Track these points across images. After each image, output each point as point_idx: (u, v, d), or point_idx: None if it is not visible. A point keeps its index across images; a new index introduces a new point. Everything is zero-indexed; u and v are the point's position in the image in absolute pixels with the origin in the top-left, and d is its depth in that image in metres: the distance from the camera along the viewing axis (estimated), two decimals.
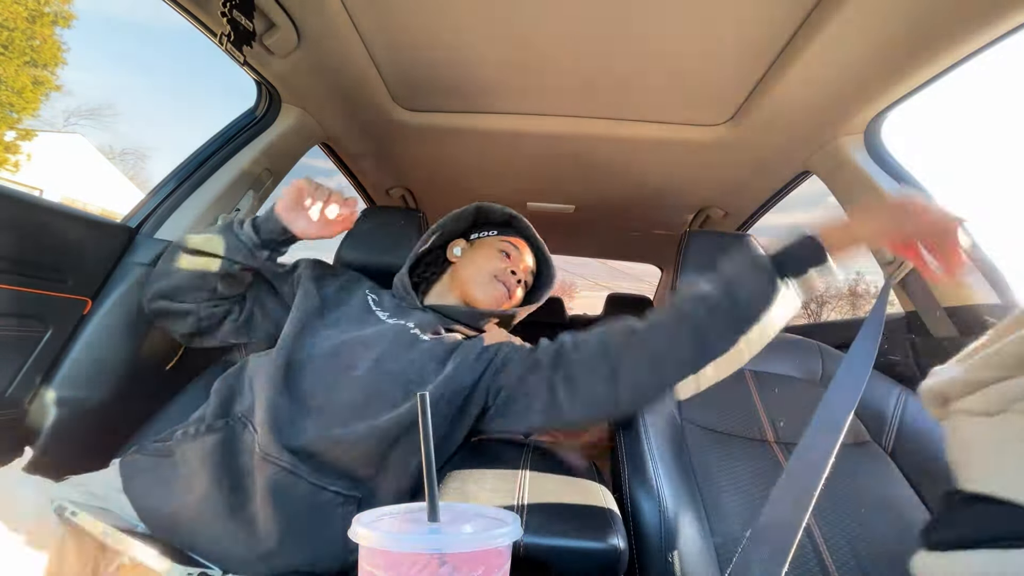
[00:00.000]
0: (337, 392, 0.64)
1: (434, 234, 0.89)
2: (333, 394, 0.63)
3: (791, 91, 0.97)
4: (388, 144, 1.43)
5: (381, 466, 0.61)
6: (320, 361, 0.67)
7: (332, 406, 0.63)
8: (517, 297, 0.88)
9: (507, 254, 0.88)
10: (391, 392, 0.64)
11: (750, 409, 0.85)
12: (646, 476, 0.69)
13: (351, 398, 0.63)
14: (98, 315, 0.86)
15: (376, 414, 0.62)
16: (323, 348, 0.68)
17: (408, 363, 0.68)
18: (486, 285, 0.84)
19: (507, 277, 0.85)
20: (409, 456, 0.63)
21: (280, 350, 0.66)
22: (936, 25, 0.75)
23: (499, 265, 0.86)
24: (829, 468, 0.57)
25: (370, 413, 0.62)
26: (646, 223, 2.00)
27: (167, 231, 0.97)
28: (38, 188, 11.89)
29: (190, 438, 0.60)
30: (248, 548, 0.53)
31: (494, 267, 0.86)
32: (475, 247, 0.91)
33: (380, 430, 0.60)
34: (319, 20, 0.91)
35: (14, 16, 9.51)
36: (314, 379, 0.65)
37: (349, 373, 0.65)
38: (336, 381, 0.65)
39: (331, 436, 0.60)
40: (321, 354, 0.67)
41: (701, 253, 1.01)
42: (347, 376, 0.65)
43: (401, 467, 0.63)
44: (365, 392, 0.64)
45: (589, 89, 1.09)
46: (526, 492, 0.57)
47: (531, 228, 0.94)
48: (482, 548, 0.30)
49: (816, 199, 1.51)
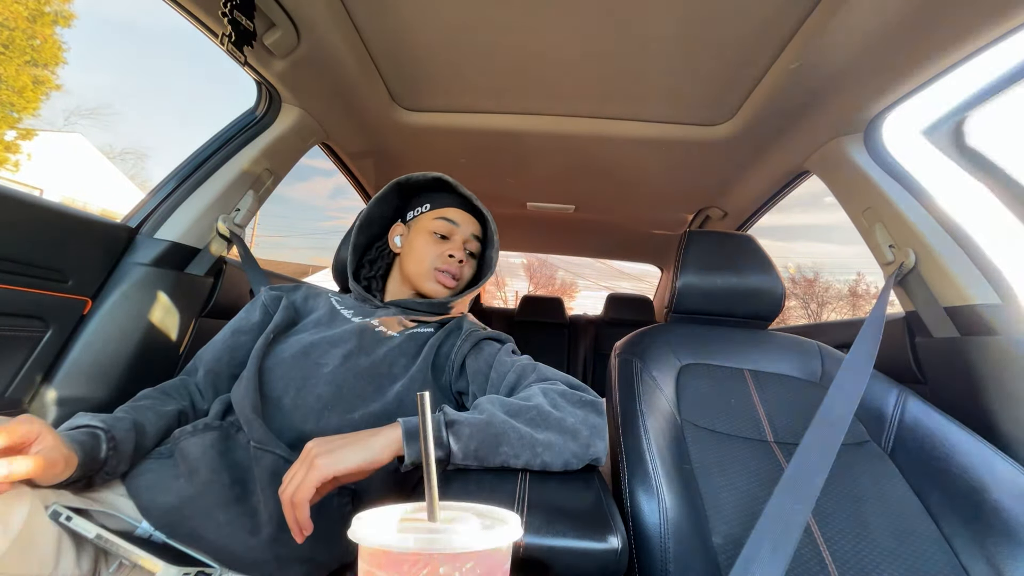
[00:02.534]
0: (307, 389, 0.66)
1: (364, 225, 0.88)
2: (304, 391, 0.66)
3: (791, 91, 0.97)
4: (388, 144, 1.43)
5: None
6: (291, 361, 0.69)
7: (304, 403, 0.65)
8: (466, 274, 0.87)
9: (441, 235, 0.84)
10: (361, 387, 0.67)
11: (750, 409, 0.85)
12: (646, 476, 0.69)
13: (321, 393, 0.65)
14: (98, 315, 0.86)
15: (348, 410, 0.65)
16: (293, 350, 0.70)
17: (378, 359, 0.70)
18: (429, 279, 0.83)
19: (447, 264, 0.83)
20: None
21: (253, 358, 0.68)
22: (935, 24, 0.75)
23: (436, 251, 0.83)
24: (829, 468, 0.58)
25: (341, 408, 0.65)
26: (646, 223, 2.00)
27: (167, 231, 0.97)
28: (38, 188, 11.89)
29: (188, 435, 0.61)
30: (250, 536, 0.54)
31: (432, 256, 0.83)
32: (412, 231, 0.87)
33: (352, 424, 0.63)
34: (319, 20, 0.91)
35: (14, 16, 9.51)
36: (286, 379, 0.67)
37: (318, 370, 0.68)
38: (306, 379, 0.67)
39: (306, 432, 0.62)
40: (291, 355, 0.69)
41: (701, 253, 1.01)
42: (316, 373, 0.67)
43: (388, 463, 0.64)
44: (334, 387, 0.66)
45: (589, 89, 1.09)
46: (526, 492, 0.57)
47: (460, 186, 0.87)
48: (482, 548, 0.30)
49: (816, 199, 1.51)
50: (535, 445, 0.57)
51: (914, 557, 0.64)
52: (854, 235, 1.09)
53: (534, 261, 20.54)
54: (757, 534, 0.52)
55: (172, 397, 0.70)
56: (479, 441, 0.55)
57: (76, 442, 0.53)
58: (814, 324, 1.41)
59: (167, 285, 0.95)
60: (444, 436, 0.54)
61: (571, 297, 21.33)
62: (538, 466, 0.58)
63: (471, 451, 0.54)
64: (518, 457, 0.56)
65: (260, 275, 1.06)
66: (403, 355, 0.72)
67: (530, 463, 0.57)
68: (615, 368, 0.90)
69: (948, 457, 0.71)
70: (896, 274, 0.94)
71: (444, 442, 0.54)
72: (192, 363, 0.76)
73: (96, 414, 0.60)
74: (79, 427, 0.57)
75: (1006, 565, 0.60)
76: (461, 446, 0.54)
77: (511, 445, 0.56)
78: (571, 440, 0.59)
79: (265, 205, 1.22)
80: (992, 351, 0.79)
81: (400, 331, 0.76)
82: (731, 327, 1.00)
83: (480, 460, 0.55)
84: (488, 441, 0.55)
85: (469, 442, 0.54)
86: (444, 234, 0.84)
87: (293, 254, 24.94)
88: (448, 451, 0.54)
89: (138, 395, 0.69)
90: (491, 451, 0.55)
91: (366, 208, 0.88)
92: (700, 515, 0.68)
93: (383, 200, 0.89)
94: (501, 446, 0.56)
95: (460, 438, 0.54)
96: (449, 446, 0.54)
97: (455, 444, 0.54)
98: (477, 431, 0.55)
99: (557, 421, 0.59)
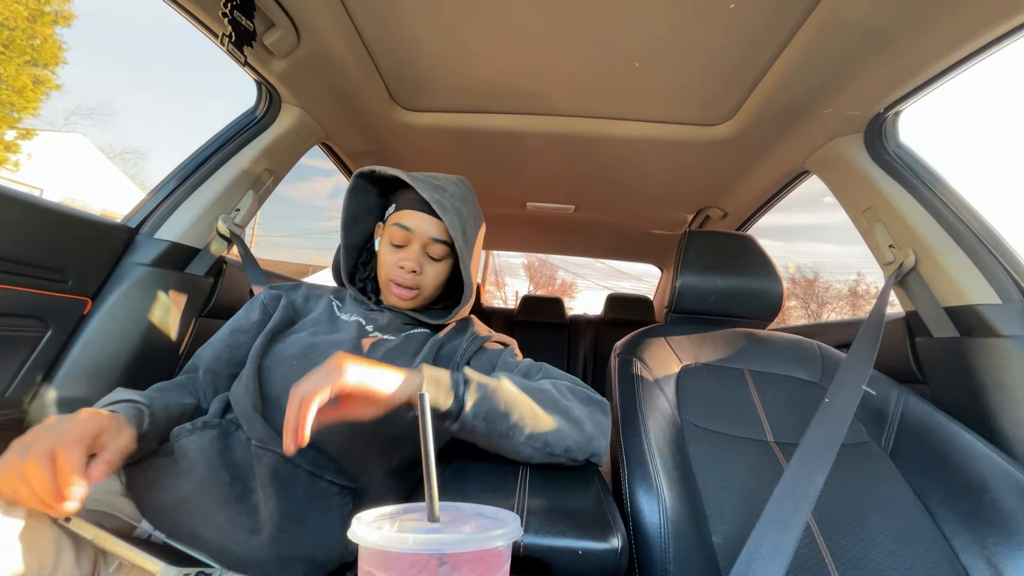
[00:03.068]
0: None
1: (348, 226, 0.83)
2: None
3: (790, 91, 0.97)
4: (388, 144, 1.43)
5: (366, 461, 0.64)
6: (290, 361, 0.68)
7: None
8: (429, 282, 0.78)
9: (397, 244, 0.77)
10: None
11: (750, 409, 0.85)
12: (646, 476, 0.69)
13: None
14: (98, 315, 0.86)
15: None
16: (293, 349, 0.70)
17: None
18: (388, 291, 0.78)
19: (400, 277, 0.76)
20: (391, 451, 0.66)
21: (252, 357, 0.68)
22: (935, 24, 0.75)
23: (391, 260, 0.77)
24: (829, 468, 0.58)
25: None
26: (646, 223, 2.00)
27: (167, 231, 0.97)
28: (38, 188, 11.89)
29: (187, 433, 0.61)
30: (250, 535, 0.54)
31: (387, 267, 0.77)
32: (384, 234, 0.80)
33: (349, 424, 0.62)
34: (319, 20, 0.91)
35: (14, 15, 9.51)
36: (285, 379, 0.66)
37: None
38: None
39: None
40: (291, 354, 0.69)
41: (701, 253, 1.01)
42: None
43: (387, 462, 0.66)
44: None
45: (589, 89, 1.09)
46: (526, 492, 0.57)
47: (419, 183, 0.75)
48: (482, 548, 0.30)
49: (816, 199, 1.51)
50: (541, 422, 0.59)
51: (914, 557, 0.64)
52: (854, 235, 1.09)
53: (534, 261, 20.55)
54: (757, 534, 0.52)
55: (188, 390, 0.70)
56: (491, 404, 0.56)
57: (129, 417, 0.53)
58: (814, 324, 1.41)
59: (167, 285, 0.95)
60: (460, 391, 0.55)
61: (571, 297, 21.35)
62: (539, 445, 0.59)
63: (482, 413, 0.56)
64: (523, 430, 0.58)
65: (260, 275, 1.06)
66: (401, 355, 0.72)
67: (533, 438, 0.58)
68: (615, 368, 0.90)
69: (948, 457, 0.71)
70: (896, 274, 0.94)
71: (459, 395, 0.55)
72: (192, 362, 0.76)
73: (132, 390, 0.60)
74: (121, 401, 0.57)
75: (1006, 565, 0.60)
76: (474, 404, 0.55)
77: (520, 415, 0.57)
78: (576, 429, 0.61)
79: (265, 205, 1.22)
80: (992, 351, 0.79)
81: (398, 333, 0.76)
82: (731, 327, 1.00)
83: (488, 423, 0.56)
84: (499, 406, 0.57)
85: (482, 403, 0.56)
86: (399, 243, 0.76)
87: (293, 254, 24.97)
88: (461, 406, 0.55)
89: (153, 387, 0.67)
90: (500, 417, 0.57)
91: (343, 205, 0.81)
92: (700, 515, 0.68)
93: (358, 193, 0.82)
94: (511, 414, 0.57)
95: (474, 397, 0.55)
96: (463, 400, 0.55)
97: (468, 401, 0.55)
98: (491, 393, 0.57)
99: (565, 409, 0.62)
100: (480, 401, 0.56)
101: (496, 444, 0.59)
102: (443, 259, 0.79)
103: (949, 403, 0.84)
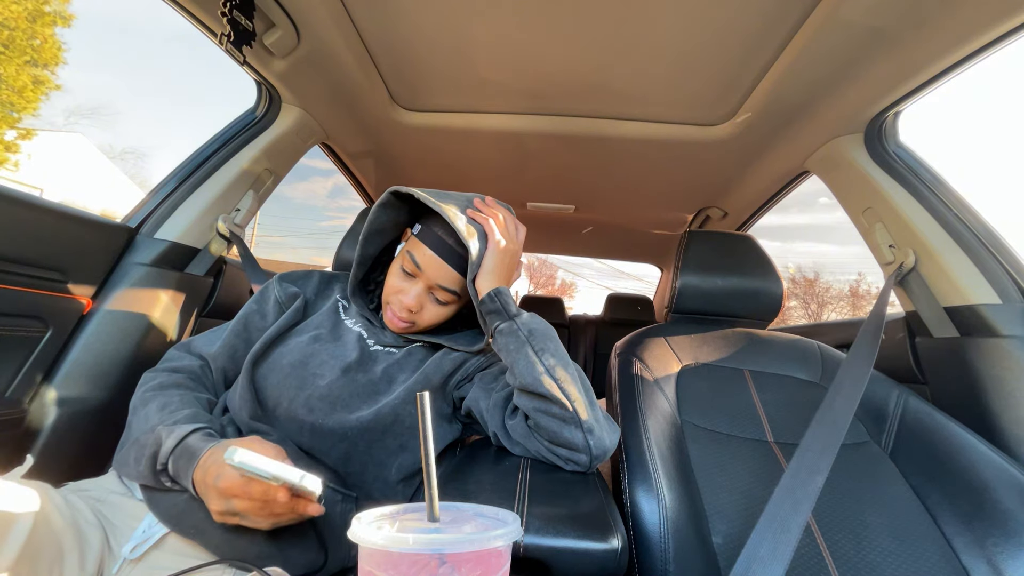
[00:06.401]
0: (300, 400, 0.65)
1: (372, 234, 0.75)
2: (296, 402, 0.65)
3: (790, 91, 0.97)
4: (388, 144, 1.43)
5: (363, 469, 0.65)
6: (287, 369, 0.67)
7: (296, 414, 0.64)
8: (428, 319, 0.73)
9: (406, 271, 0.71)
10: (356, 404, 0.66)
11: (750, 409, 0.85)
12: (646, 476, 0.69)
13: (313, 406, 0.65)
14: (98, 315, 0.86)
15: (341, 423, 0.64)
16: (291, 357, 0.69)
17: (376, 376, 0.69)
18: (386, 311, 0.73)
19: (397, 307, 0.71)
20: (389, 458, 0.66)
21: (246, 367, 0.67)
22: (935, 24, 0.75)
23: (395, 285, 0.72)
24: (829, 468, 0.58)
25: (333, 421, 0.64)
26: (646, 223, 2.00)
27: (167, 231, 0.97)
28: (38, 188, 11.89)
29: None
30: (253, 532, 0.54)
31: (390, 289, 0.73)
32: (400, 252, 0.74)
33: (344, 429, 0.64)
34: (319, 20, 0.91)
35: (14, 16, 9.50)
36: (280, 388, 0.66)
37: (314, 381, 0.67)
38: (300, 389, 0.66)
39: (302, 443, 0.63)
40: (288, 363, 0.68)
41: (701, 253, 1.01)
42: (312, 384, 0.66)
43: (384, 468, 0.66)
44: (328, 402, 0.65)
45: (589, 89, 1.09)
46: (526, 492, 0.57)
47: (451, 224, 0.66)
48: (482, 548, 0.30)
49: (814, 199, 1.51)
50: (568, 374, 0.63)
51: (914, 557, 0.64)
52: (854, 235, 1.09)
53: (534, 261, 20.56)
54: (757, 534, 0.52)
55: (204, 386, 0.69)
56: (536, 324, 0.66)
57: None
58: (814, 324, 1.41)
59: (167, 285, 0.95)
60: (510, 305, 0.66)
61: (571, 296, 21.33)
62: (558, 392, 0.61)
63: (529, 326, 0.65)
64: (554, 364, 0.63)
65: (260, 275, 1.06)
66: (402, 371, 0.71)
67: (559, 380, 0.62)
68: (615, 368, 0.90)
69: (948, 457, 0.71)
70: (896, 274, 0.94)
71: (511, 311, 0.66)
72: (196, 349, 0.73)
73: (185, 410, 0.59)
74: (199, 429, 0.56)
75: (1006, 565, 0.60)
76: (526, 317, 0.66)
77: (556, 347, 0.65)
78: (589, 406, 0.63)
79: (265, 205, 1.22)
80: (992, 351, 0.79)
81: (400, 347, 0.75)
82: (731, 327, 1.00)
83: (534, 336, 0.64)
84: (542, 330, 0.66)
85: (531, 320, 0.66)
86: (408, 271, 0.71)
87: (293, 254, 24.95)
88: (519, 311, 0.66)
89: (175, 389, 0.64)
90: (544, 337, 0.65)
91: (368, 217, 0.73)
92: (700, 515, 0.68)
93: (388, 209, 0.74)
94: (549, 341, 0.65)
95: (523, 313, 0.67)
96: (519, 311, 0.66)
97: (521, 313, 0.66)
98: (534, 318, 0.67)
99: (586, 389, 0.65)
100: (530, 319, 0.66)
101: (525, 360, 0.63)
102: (449, 304, 0.73)
103: (949, 403, 0.84)
